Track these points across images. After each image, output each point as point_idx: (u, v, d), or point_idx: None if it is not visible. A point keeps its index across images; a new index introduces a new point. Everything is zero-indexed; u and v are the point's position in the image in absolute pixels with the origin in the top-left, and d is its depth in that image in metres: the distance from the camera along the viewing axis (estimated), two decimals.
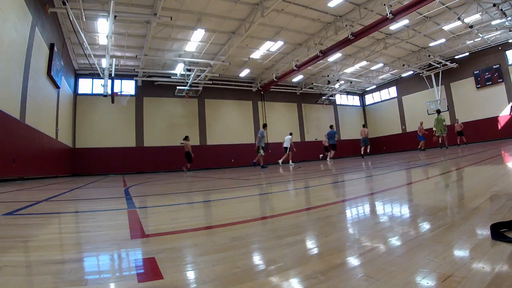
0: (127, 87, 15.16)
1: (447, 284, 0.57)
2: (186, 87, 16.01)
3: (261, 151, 11.09)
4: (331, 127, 13.88)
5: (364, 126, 15.72)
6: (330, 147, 13.30)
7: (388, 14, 11.23)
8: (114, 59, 11.63)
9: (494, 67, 16.91)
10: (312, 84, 21.13)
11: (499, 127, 16.76)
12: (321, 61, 15.86)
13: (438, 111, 14.12)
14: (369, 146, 14.03)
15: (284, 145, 12.59)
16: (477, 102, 17.81)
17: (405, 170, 4.39)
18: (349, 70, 19.64)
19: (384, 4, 11.38)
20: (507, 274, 0.59)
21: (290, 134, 12.93)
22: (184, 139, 12.46)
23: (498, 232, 0.83)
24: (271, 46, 14.99)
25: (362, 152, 14.00)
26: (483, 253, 0.72)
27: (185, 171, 12.14)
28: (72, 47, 13.04)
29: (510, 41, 16.19)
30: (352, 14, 12.78)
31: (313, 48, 14.90)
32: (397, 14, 11.27)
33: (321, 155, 16.32)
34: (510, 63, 16.51)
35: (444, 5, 12.34)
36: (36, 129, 8.23)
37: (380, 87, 24.05)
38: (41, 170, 8.85)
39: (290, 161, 12.78)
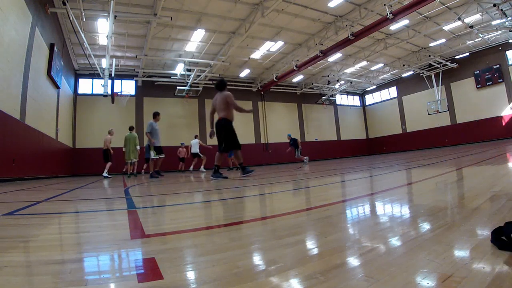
0: (127, 87, 15.19)
1: (447, 284, 0.57)
2: (186, 87, 16.02)
3: None
4: None
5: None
6: None
7: (388, 14, 11.24)
8: (114, 59, 11.63)
9: (494, 67, 16.93)
10: (312, 84, 21.13)
11: (500, 127, 16.77)
12: (321, 61, 15.86)
13: (131, 128, 10.88)
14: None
15: None
16: (477, 102, 17.83)
17: (405, 171, 4.39)
18: (349, 70, 19.64)
19: (384, 4, 11.39)
20: (507, 274, 0.59)
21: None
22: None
23: (498, 237, 0.82)
24: (271, 46, 14.99)
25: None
26: (483, 253, 0.71)
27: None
28: (72, 47, 13.05)
29: (510, 41, 16.20)
30: (352, 14, 12.78)
31: (313, 48, 14.90)
32: (397, 14, 11.27)
33: None
34: (510, 63, 16.52)
35: (444, 5, 12.35)
36: (36, 129, 8.23)
37: (380, 87, 24.06)
38: (41, 170, 8.86)
39: None
